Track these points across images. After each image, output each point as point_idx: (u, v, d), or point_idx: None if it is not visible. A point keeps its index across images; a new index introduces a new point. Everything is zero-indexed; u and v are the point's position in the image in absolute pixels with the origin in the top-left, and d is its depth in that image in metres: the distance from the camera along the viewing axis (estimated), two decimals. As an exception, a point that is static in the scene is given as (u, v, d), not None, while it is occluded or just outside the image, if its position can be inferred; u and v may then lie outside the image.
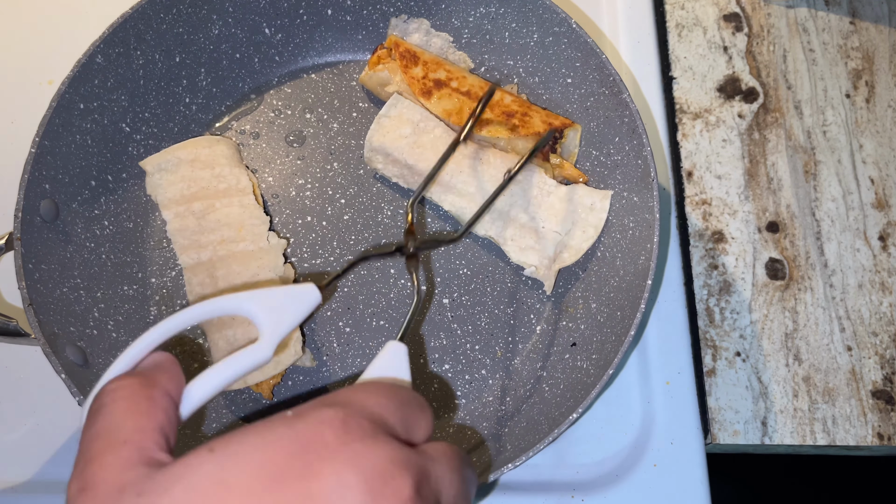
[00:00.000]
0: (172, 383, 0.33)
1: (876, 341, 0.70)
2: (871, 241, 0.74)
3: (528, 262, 0.65)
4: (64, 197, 0.62)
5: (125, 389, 0.31)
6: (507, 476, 0.62)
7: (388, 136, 0.66)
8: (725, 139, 0.77)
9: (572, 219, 0.64)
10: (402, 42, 0.69)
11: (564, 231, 0.64)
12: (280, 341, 0.37)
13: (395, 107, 0.67)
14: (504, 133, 0.66)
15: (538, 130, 0.65)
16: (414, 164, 0.66)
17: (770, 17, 0.82)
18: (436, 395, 0.64)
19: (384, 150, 0.67)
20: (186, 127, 0.71)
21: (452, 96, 0.67)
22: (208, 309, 0.37)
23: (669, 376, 0.67)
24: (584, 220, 0.64)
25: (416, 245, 0.52)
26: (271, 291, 0.38)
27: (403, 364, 0.39)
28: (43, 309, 0.56)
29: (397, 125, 0.67)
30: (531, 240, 0.65)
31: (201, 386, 0.34)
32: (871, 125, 0.78)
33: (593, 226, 0.64)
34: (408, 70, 0.68)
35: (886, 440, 0.67)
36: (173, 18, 0.66)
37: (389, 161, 0.67)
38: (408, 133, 0.66)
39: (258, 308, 0.37)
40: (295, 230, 0.69)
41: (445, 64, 0.69)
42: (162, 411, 0.31)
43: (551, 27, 0.67)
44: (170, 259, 0.67)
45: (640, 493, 0.63)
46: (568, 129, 0.67)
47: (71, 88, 0.61)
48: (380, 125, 0.67)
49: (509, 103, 0.67)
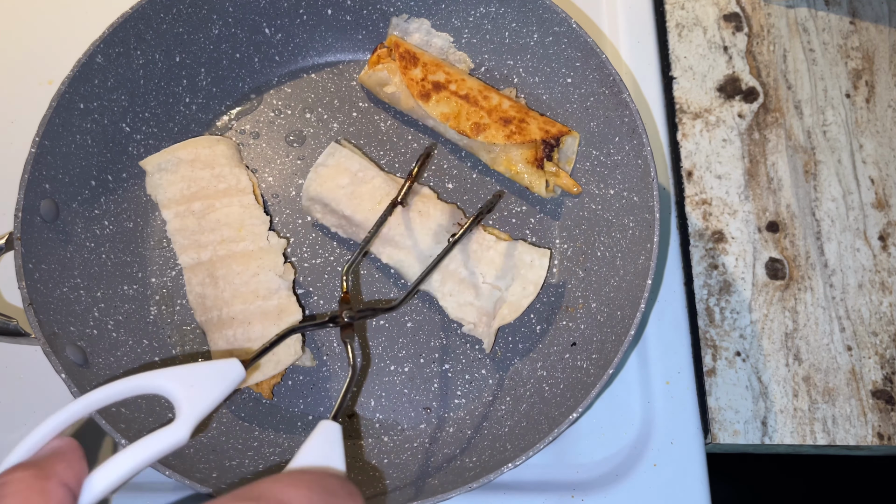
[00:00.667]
0: (71, 473, 0.31)
1: (876, 341, 0.70)
2: (871, 241, 0.74)
3: (467, 320, 0.63)
4: (64, 197, 0.62)
5: (16, 484, 0.29)
6: (507, 476, 0.62)
7: (326, 185, 0.65)
8: (725, 139, 0.77)
9: (512, 274, 0.63)
10: (402, 42, 0.69)
11: (504, 287, 0.63)
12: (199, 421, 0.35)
13: (332, 156, 0.66)
14: (500, 139, 0.65)
15: (535, 138, 0.65)
16: (351, 214, 0.65)
17: (770, 17, 0.82)
18: (436, 395, 0.64)
19: (321, 199, 0.66)
20: (186, 127, 0.71)
21: (451, 100, 0.67)
22: (121, 389, 0.35)
23: (669, 376, 0.67)
24: (524, 276, 0.63)
25: (351, 315, 0.50)
26: (191, 368, 0.36)
27: (336, 447, 0.36)
28: (43, 309, 0.56)
29: (335, 175, 0.65)
30: (470, 295, 0.63)
31: (106, 474, 0.32)
32: (871, 125, 0.78)
33: (533, 282, 0.63)
34: (407, 71, 0.68)
35: (886, 440, 0.67)
36: (173, 18, 0.66)
37: (327, 211, 0.66)
38: (345, 183, 0.65)
39: (175, 386, 0.35)
40: (295, 230, 0.69)
41: (445, 66, 0.69)
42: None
43: (551, 27, 0.67)
44: (170, 259, 0.67)
45: (640, 493, 0.63)
46: (565, 136, 0.67)
47: (71, 88, 0.61)
48: (317, 174, 0.66)
49: (507, 108, 0.67)
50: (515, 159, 0.67)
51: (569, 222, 0.69)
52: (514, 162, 0.67)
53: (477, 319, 0.63)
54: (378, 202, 0.64)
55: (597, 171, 0.67)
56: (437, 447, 0.62)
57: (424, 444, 0.62)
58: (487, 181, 0.71)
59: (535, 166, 0.67)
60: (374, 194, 0.65)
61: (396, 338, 0.66)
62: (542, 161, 0.66)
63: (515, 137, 0.65)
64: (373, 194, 0.65)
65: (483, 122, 0.66)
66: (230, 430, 0.62)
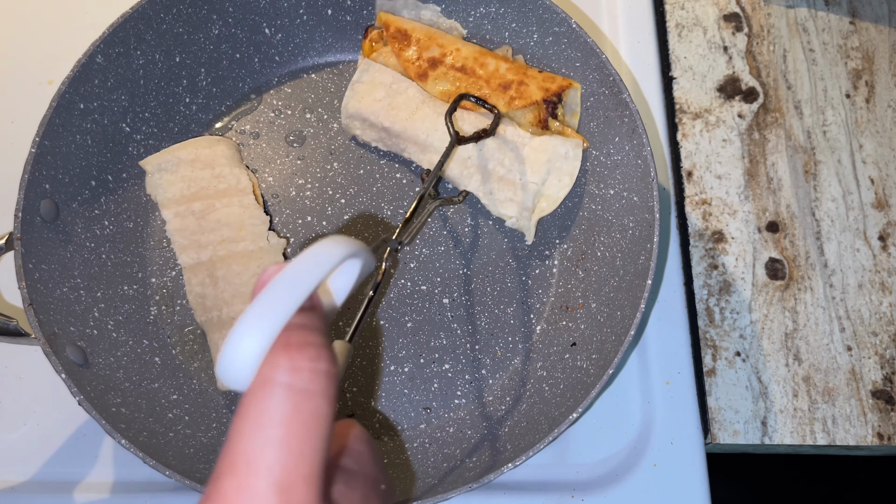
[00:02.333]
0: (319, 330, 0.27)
1: (876, 341, 0.70)
2: (871, 241, 0.74)
3: (508, 214, 0.66)
4: (64, 197, 0.62)
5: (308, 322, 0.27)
6: (507, 476, 0.62)
7: (364, 101, 0.68)
8: (725, 139, 0.77)
9: (547, 168, 0.66)
10: (392, 20, 0.69)
11: (541, 181, 0.66)
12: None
13: (367, 72, 0.68)
14: (502, 107, 0.66)
15: (536, 100, 0.66)
16: (390, 126, 0.67)
17: (770, 17, 0.82)
18: (436, 395, 0.64)
19: (360, 115, 0.68)
20: (186, 127, 0.71)
21: (448, 75, 0.68)
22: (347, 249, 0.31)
23: (669, 376, 0.67)
24: (560, 168, 0.66)
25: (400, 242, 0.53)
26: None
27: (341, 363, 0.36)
28: (43, 309, 0.56)
29: (371, 89, 0.68)
30: (510, 192, 0.66)
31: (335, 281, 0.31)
32: (871, 125, 0.78)
33: (568, 174, 0.66)
34: (401, 53, 0.68)
35: (886, 440, 0.67)
36: (173, 18, 0.66)
37: (367, 126, 0.69)
38: (382, 96, 0.68)
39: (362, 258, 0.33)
40: (295, 230, 0.69)
41: (438, 37, 0.69)
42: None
43: (551, 27, 0.67)
44: (170, 259, 0.67)
45: (640, 493, 0.63)
46: (567, 90, 0.67)
47: (71, 88, 0.61)
48: (354, 91, 0.68)
49: (505, 72, 0.67)
50: (520, 124, 0.67)
51: (569, 222, 0.69)
52: (518, 126, 0.67)
53: (518, 213, 0.66)
54: (414, 111, 0.67)
55: (597, 171, 0.67)
56: (437, 447, 0.62)
57: (424, 444, 0.62)
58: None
59: (540, 127, 0.67)
60: (409, 104, 0.67)
61: (396, 338, 0.66)
62: (545, 122, 0.66)
63: (516, 103, 0.66)
64: (408, 104, 0.67)
65: (483, 93, 0.67)
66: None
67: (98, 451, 0.64)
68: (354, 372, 0.65)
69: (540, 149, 0.66)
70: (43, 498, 0.62)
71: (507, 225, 0.67)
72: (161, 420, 0.59)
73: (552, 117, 0.67)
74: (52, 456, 0.64)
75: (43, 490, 0.62)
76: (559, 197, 0.66)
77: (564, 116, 0.68)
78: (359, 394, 0.64)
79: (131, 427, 0.55)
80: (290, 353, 0.25)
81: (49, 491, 0.62)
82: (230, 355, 0.25)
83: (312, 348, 0.26)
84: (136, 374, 0.61)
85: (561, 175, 0.66)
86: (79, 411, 0.60)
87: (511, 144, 0.66)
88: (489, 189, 0.67)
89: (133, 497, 0.62)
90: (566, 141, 0.66)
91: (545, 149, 0.65)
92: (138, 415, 0.57)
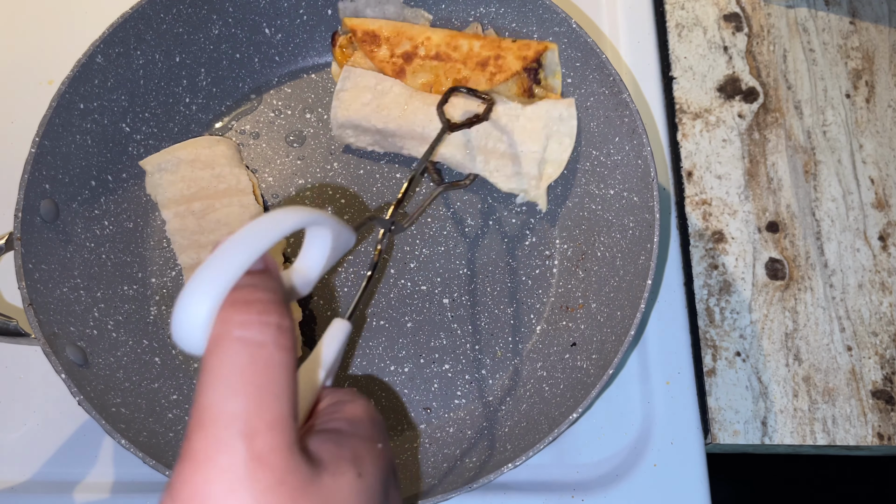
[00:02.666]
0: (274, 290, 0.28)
1: (876, 341, 0.70)
2: (871, 241, 0.74)
3: (518, 189, 0.67)
4: (64, 197, 0.62)
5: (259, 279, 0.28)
6: (507, 476, 0.62)
7: (352, 107, 0.67)
8: (725, 139, 0.77)
9: (546, 133, 0.66)
10: (357, 24, 0.69)
11: (542, 148, 0.66)
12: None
13: (348, 79, 0.68)
14: (484, 85, 0.66)
15: (516, 70, 0.66)
16: (384, 126, 0.67)
17: (770, 17, 0.82)
18: (436, 395, 0.64)
19: (351, 122, 0.68)
20: (186, 127, 0.71)
21: (425, 66, 0.68)
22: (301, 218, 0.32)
23: (669, 376, 0.67)
24: (558, 131, 0.66)
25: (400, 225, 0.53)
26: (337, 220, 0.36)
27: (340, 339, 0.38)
28: (43, 309, 0.56)
29: (356, 95, 0.67)
30: (515, 166, 0.66)
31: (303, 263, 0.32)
32: (871, 125, 0.78)
33: (567, 135, 0.66)
34: (374, 55, 0.68)
35: (886, 440, 0.67)
36: (173, 18, 0.66)
37: (360, 132, 0.68)
38: (369, 99, 0.67)
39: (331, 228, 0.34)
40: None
41: (406, 30, 0.69)
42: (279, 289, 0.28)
43: (551, 27, 0.67)
44: (170, 259, 0.67)
45: (640, 493, 0.63)
46: (544, 52, 0.67)
47: (71, 88, 0.61)
48: (340, 100, 0.68)
49: (479, 50, 0.67)
50: (506, 98, 0.67)
51: (569, 222, 0.69)
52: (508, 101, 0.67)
53: (527, 185, 0.67)
54: (405, 106, 0.67)
55: (597, 171, 0.67)
56: (437, 447, 0.62)
57: (424, 445, 0.62)
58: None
59: (527, 97, 0.67)
60: (398, 101, 0.67)
61: (396, 338, 0.66)
62: (531, 89, 0.67)
63: (497, 78, 0.66)
64: (397, 101, 0.67)
65: (462, 76, 0.67)
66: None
67: (98, 451, 0.64)
68: (354, 372, 0.65)
69: (534, 117, 0.66)
70: (43, 498, 0.62)
71: (517, 200, 0.68)
72: (161, 420, 0.59)
73: (535, 84, 0.67)
74: (52, 456, 0.64)
75: (43, 490, 0.62)
76: (563, 159, 0.66)
77: (547, 80, 0.68)
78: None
79: (131, 427, 0.55)
80: (238, 308, 0.26)
81: (49, 491, 0.62)
82: (180, 319, 0.26)
83: (260, 304, 0.26)
84: (136, 374, 0.61)
85: (561, 137, 0.66)
86: (79, 411, 0.60)
87: (505, 119, 0.66)
88: (494, 167, 0.67)
89: (133, 497, 0.62)
90: (557, 103, 0.66)
91: (539, 115, 0.66)
92: (138, 415, 0.57)
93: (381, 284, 0.67)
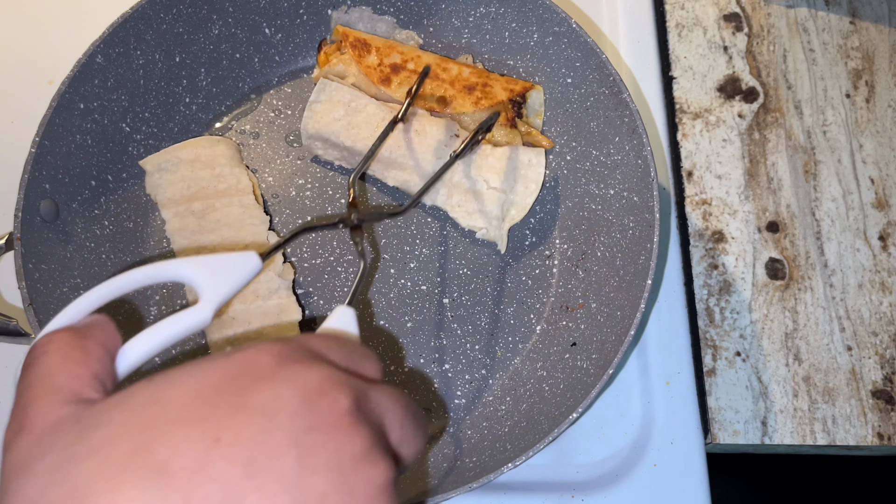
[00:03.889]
0: (107, 337, 0.33)
1: (876, 341, 0.70)
2: (871, 241, 0.74)
3: (478, 226, 0.66)
4: (64, 197, 0.62)
5: (58, 342, 0.31)
6: (507, 476, 0.62)
7: (322, 120, 0.67)
8: (725, 139, 0.77)
9: (514, 176, 0.66)
10: (350, 31, 0.69)
11: (509, 188, 0.66)
12: (220, 306, 0.37)
13: (323, 91, 0.68)
14: (468, 108, 0.66)
15: (501, 99, 0.66)
16: (352, 144, 0.66)
17: (770, 17, 0.82)
18: (436, 395, 0.64)
19: (321, 135, 0.67)
20: (186, 127, 0.71)
21: (411, 78, 0.68)
22: (148, 274, 0.37)
23: (669, 376, 0.67)
24: (525, 176, 0.66)
25: (360, 216, 0.52)
26: (211, 258, 0.38)
27: (352, 323, 0.39)
28: (43, 309, 0.56)
29: (329, 109, 0.67)
30: (478, 203, 0.66)
31: (138, 346, 0.34)
32: (871, 125, 0.78)
33: (534, 181, 0.66)
34: (362, 59, 0.68)
35: (886, 440, 0.67)
36: (173, 18, 0.66)
37: (328, 146, 0.68)
38: (341, 115, 0.67)
39: (197, 272, 0.37)
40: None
41: (397, 46, 0.69)
42: (97, 361, 0.31)
43: (551, 27, 0.67)
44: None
45: (640, 493, 0.63)
46: (530, 91, 0.68)
47: (71, 88, 0.61)
48: (312, 111, 0.67)
49: (468, 76, 0.68)
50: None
51: (569, 222, 0.69)
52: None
53: (488, 224, 0.66)
54: (375, 128, 0.66)
55: (597, 171, 0.67)
56: (437, 447, 0.62)
57: (424, 444, 0.62)
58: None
59: (509, 127, 0.67)
60: (370, 121, 0.66)
61: (396, 338, 0.66)
62: (513, 120, 0.67)
63: (483, 103, 0.66)
64: (369, 121, 0.66)
65: (448, 95, 0.67)
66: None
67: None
68: (354, 372, 0.65)
69: (503, 157, 0.66)
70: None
71: (477, 237, 0.67)
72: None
73: (518, 117, 0.67)
74: (52, 456, 0.64)
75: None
76: (527, 204, 0.66)
77: (528, 118, 0.69)
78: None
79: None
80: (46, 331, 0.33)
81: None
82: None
83: (46, 335, 0.32)
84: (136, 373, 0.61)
85: (527, 182, 0.66)
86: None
87: (474, 156, 0.66)
88: (457, 202, 0.66)
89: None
90: (528, 150, 0.67)
91: (509, 157, 0.66)
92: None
93: (382, 284, 0.67)
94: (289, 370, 0.28)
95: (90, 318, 0.34)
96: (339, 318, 0.39)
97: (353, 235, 0.52)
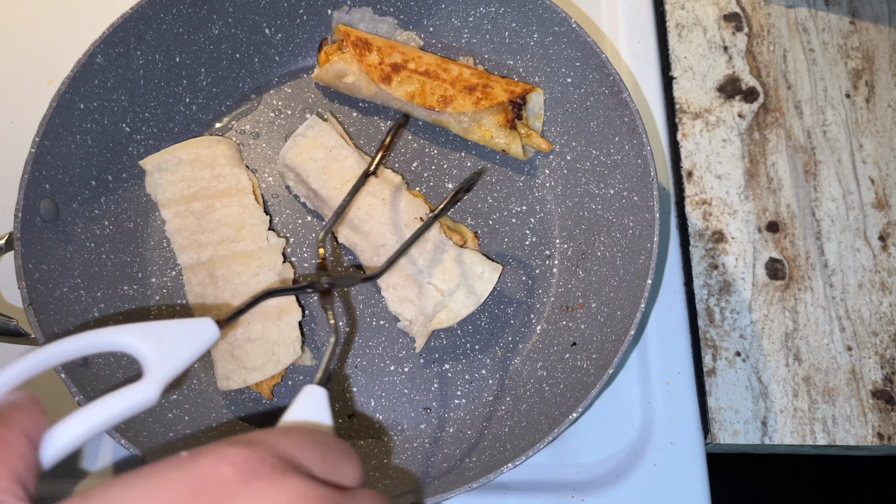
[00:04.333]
0: (30, 423, 0.29)
1: (876, 341, 0.70)
2: (871, 240, 0.74)
3: (404, 316, 0.63)
4: (64, 197, 0.62)
5: None
6: (507, 476, 0.62)
7: (301, 156, 0.66)
8: (725, 139, 0.77)
9: (459, 281, 0.62)
10: (351, 31, 0.69)
11: (448, 292, 0.62)
12: (169, 381, 0.32)
13: (312, 128, 0.67)
14: (469, 107, 0.66)
15: (502, 100, 0.66)
16: (318, 189, 0.65)
17: (770, 17, 0.82)
18: (436, 395, 0.64)
19: (294, 168, 0.66)
20: (186, 127, 0.71)
21: (412, 78, 0.67)
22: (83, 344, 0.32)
23: (669, 376, 0.67)
24: (471, 286, 0.63)
25: (330, 281, 0.48)
26: (161, 325, 0.33)
27: (324, 409, 0.35)
28: (43, 309, 0.56)
29: (311, 147, 0.66)
30: (412, 292, 0.62)
31: (67, 430, 0.29)
32: (871, 125, 0.78)
33: (477, 294, 0.63)
34: (363, 58, 0.68)
35: (886, 440, 0.67)
36: (173, 18, 0.66)
37: (299, 181, 0.67)
38: (319, 157, 0.65)
39: (144, 343, 0.32)
40: (295, 230, 0.69)
41: (398, 46, 0.69)
42: (18, 456, 0.27)
43: (551, 27, 0.67)
44: (170, 259, 0.67)
45: (640, 493, 0.63)
46: (530, 93, 0.67)
47: (71, 88, 0.61)
48: (295, 143, 0.66)
49: (469, 77, 0.68)
50: (487, 125, 0.68)
51: (569, 222, 0.69)
52: (487, 128, 0.68)
53: (414, 318, 0.62)
54: (346, 182, 0.65)
55: (597, 171, 0.67)
56: (437, 447, 0.62)
57: (424, 445, 0.62)
58: (464, 158, 0.71)
59: (508, 128, 0.67)
60: (343, 173, 0.65)
61: (396, 338, 0.66)
62: (513, 122, 0.67)
63: (483, 103, 0.66)
64: (342, 173, 0.65)
65: (449, 94, 0.67)
66: (230, 430, 0.62)
67: (98, 451, 0.64)
68: (355, 371, 0.65)
69: (458, 260, 0.63)
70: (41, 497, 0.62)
71: (398, 326, 0.64)
72: (161, 420, 0.59)
73: (517, 119, 0.67)
74: (52, 456, 0.64)
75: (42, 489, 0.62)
76: (461, 314, 0.62)
77: (528, 120, 0.69)
78: (359, 394, 0.64)
79: (131, 427, 0.55)
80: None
81: (48, 490, 0.62)
82: None
83: None
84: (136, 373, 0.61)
85: (470, 292, 0.63)
86: (79, 411, 0.60)
87: (431, 246, 0.63)
88: (393, 283, 0.63)
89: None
90: (486, 262, 0.63)
91: (463, 261, 0.63)
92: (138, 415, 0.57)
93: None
94: (255, 487, 0.24)
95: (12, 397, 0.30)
96: (310, 402, 0.34)
97: (322, 301, 0.48)
